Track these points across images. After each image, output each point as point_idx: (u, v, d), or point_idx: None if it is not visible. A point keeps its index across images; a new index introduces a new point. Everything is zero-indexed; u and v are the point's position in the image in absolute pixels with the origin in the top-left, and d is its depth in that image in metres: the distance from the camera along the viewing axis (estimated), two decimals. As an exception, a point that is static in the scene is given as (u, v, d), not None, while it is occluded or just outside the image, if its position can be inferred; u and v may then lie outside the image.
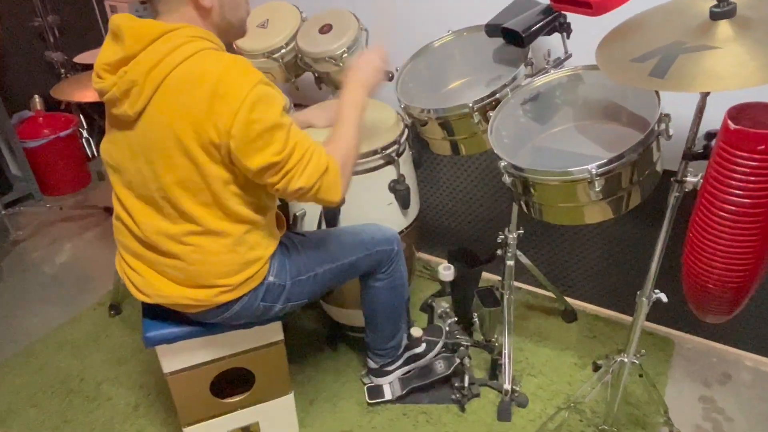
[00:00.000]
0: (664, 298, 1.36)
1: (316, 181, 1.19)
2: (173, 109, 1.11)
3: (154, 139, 1.15)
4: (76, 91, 2.23)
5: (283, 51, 1.87)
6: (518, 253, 1.88)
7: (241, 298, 1.33)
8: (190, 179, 1.16)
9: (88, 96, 2.17)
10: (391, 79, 1.48)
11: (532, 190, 1.29)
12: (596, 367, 1.86)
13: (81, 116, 3.22)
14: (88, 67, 2.56)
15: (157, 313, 1.40)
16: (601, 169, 1.17)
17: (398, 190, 1.68)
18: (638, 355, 1.48)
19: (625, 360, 1.47)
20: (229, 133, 1.10)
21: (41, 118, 3.03)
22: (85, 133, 2.99)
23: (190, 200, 1.19)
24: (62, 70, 3.19)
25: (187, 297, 1.29)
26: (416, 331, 1.81)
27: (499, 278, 2.04)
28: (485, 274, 2.32)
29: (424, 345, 1.84)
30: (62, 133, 2.98)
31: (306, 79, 2.03)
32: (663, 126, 1.20)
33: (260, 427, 1.63)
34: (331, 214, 1.65)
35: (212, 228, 1.23)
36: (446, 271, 1.96)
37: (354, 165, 1.27)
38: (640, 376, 1.54)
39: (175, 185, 1.17)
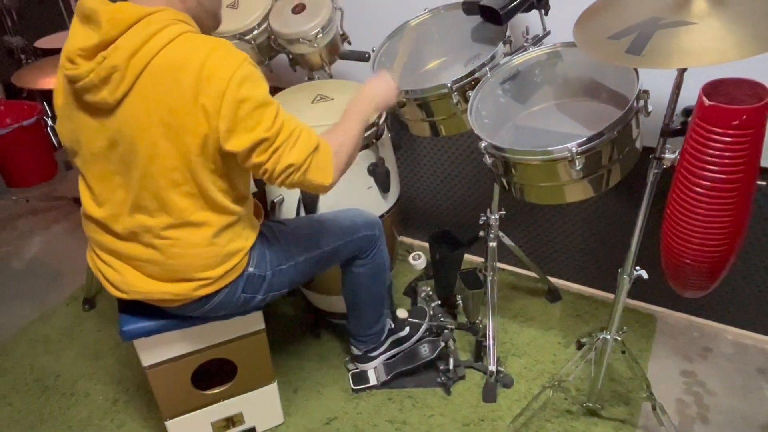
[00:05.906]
0: (644, 274, 1.39)
1: (306, 158, 1.19)
2: (158, 95, 1.10)
3: (137, 127, 1.13)
4: (39, 78, 2.18)
5: (255, 32, 1.86)
6: (500, 234, 1.91)
7: (221, 290, 1.33)
8: (177, 169, 1.16)
9: (53, 83, 2.12)
10: (367, 59, 1.47)
11: (513, 170, 1.30)
12: (580, 346, 1.92)
13: (45, 104, 3.15)
14: (50, 52, 2.52)
15: (133, 306, 1.39)
16: (581, 148, 1.19)
17: (378, 173, 1.69)
18: (620, 332, 1.52)
19: (608, 337, 1.51)
20: (218, 114, 1.10)
21: (2, 107, 2.96)
22: (50, 122, 2.93)
23: (174, 191, 1.19)
24: (22, 56, 3.11)
25: (166, 292, 1.29)
26: (402, 313, 1.83)
27: (482, 260, 2.08)
28: (468, 256, 2.34)
29: (407, 329, 1.86)
30: (26, 122, 2.91)
31: (280, 60, 2.02)
32: (642, 103, 1.22)
33: (244, 417, 1.65)
34: (309, 200, 1.65)
35: (193, 220, 1.23)
36: (416, 261, 1.94)
37: (348, 161, 1.28)
38: (623, 352, 1.58)
39: (160, 175, 1.17)
